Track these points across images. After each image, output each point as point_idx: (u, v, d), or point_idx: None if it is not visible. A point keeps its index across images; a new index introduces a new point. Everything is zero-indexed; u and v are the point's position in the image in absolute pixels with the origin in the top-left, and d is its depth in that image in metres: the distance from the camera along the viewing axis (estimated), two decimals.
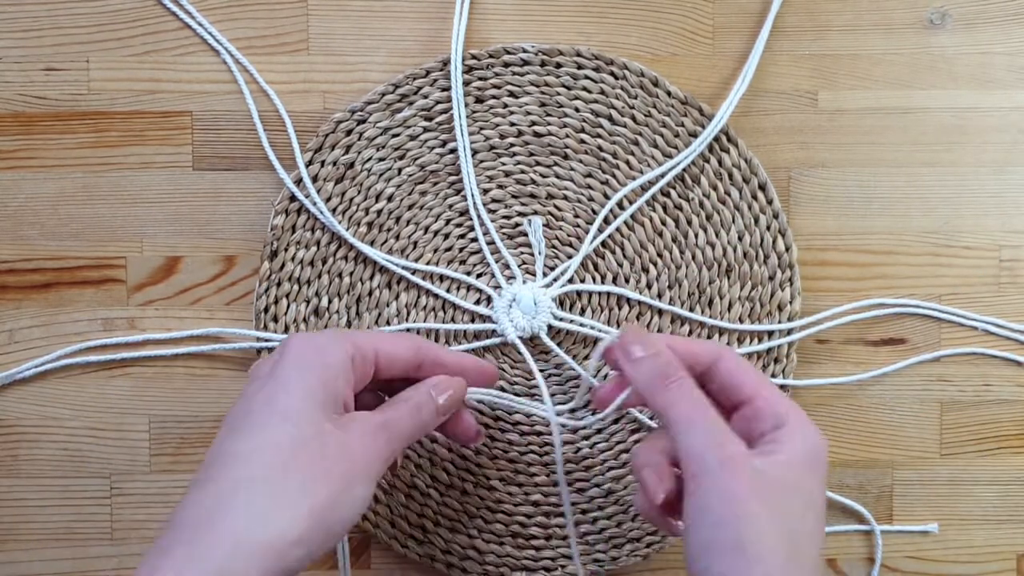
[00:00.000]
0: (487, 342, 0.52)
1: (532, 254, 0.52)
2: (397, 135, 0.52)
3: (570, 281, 0.52)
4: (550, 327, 0.51)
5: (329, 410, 0.39)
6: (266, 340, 0.51)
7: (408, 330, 0.52)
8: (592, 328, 0.51)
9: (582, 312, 0.52)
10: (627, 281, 0.52)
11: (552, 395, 0.52)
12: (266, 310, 0.52)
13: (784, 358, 0.52)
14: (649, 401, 0.40)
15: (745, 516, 0.37)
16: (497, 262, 0.52)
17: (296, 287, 0.52)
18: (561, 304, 0.52)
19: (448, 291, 0.52)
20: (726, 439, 0.38)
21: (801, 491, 0.38)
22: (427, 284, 0.51)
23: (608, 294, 0.52)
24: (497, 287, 0.51)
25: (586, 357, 0.52)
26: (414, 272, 0.52)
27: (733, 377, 0.41)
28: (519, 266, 0.52)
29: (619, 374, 0.43)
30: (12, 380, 0.52)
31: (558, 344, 0.51)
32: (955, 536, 0.54)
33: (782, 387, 0.52)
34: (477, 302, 0.52)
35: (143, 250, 0.52)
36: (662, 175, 0.52)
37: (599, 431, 0.52)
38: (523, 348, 0.50)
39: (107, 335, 0.52)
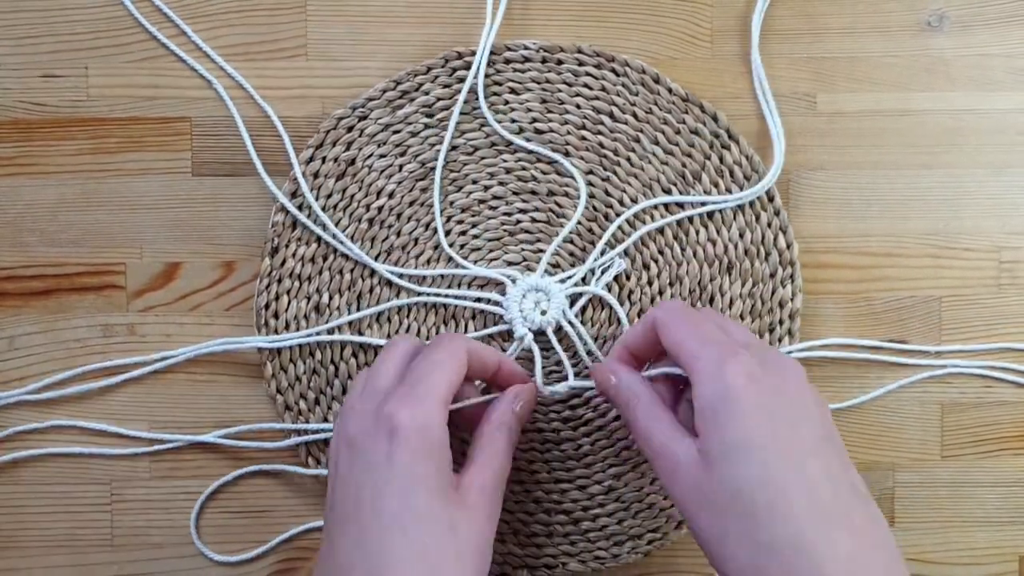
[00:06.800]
0: (493, 329, 0.52)
1: (533, 252, 0.52)
2: (398, 132, 0.52)
3: (584, 280, 0.52)
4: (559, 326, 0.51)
5: (449, 491, 0.41)
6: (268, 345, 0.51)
7: (408, 330, 0.52)
8: (585, 344, 0.51)
9: (583, 310, 0.52)
10: (628, 278, 0.52)
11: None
12: (267, 307, 0.52)
13: None
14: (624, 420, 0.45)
15: (689, 520, 0.41)
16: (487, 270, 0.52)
17: (297, 284, 0.52)
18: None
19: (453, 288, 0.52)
20: (669, 450, 0.41)
21: (734, 467, 0.39)
22: (433, 290, 0.52)
23: (608, 288, 0.52)
24: (513, 280, 0.51)
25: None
26: (422, 281, 0.52)
27: (669, 348, 0.43)
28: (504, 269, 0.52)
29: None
30: (17, 399, 0.52)
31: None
32: (957, 538, 0.54)
33: None
34: (479, 298, 0.52)
35: (143, 256, 0.52)
36: (697, 204, 0.52)
37: (600, 428, 0.52)
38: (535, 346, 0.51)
39: (106, 341, 0.52)
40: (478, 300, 0.52)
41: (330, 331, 0.51)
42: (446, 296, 0.52)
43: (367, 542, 0.40)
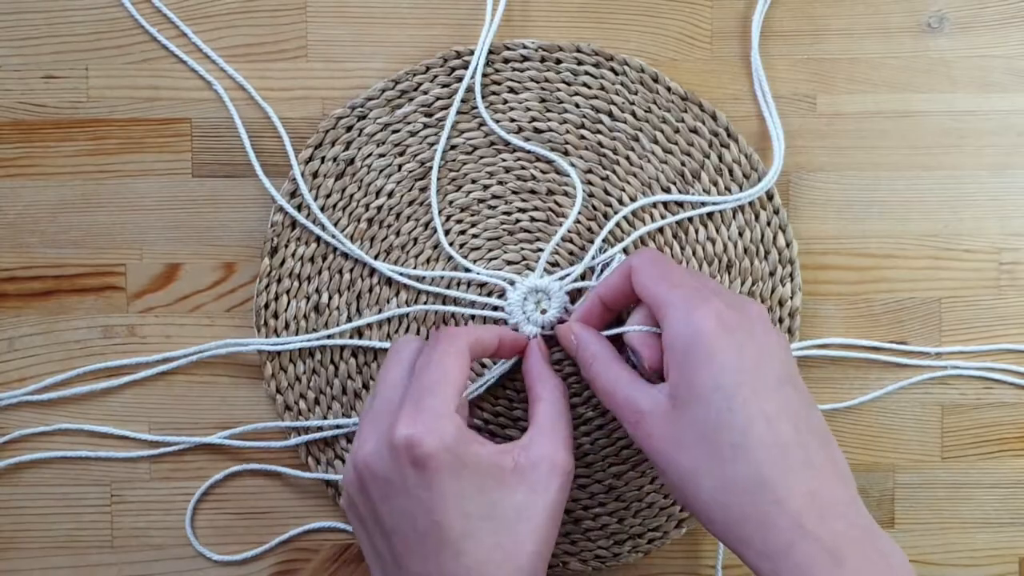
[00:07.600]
0: None
1: (533, 251, 0.52)
2: (397, 131, 0.52)
3: (582, 277, 0.52)
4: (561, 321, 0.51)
5: (498, 478, 0.42)
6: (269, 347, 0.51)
7: (408, 329, 0.52)
8: None
9: None
10: None
11: None
12: (266, 307, 0.52)
13: None
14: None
15: (658, 463, 0.41)
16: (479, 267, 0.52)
17: (296, 283, 0.52)
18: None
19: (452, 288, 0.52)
20: (633, 400, 0.42)
21: (702, 409, 0.40)
22: (434, 289, 0.52)
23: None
24: (511, 282, 0.51)
25: None
26: (422, 280, 0.52)
27: (640, 291, 0.44)
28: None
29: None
30: (18, 400, 0.52)
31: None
32: (957, 539, 0.54)
33: None
34: (490, 293, 0.52)
35: (143, 257, 0.52)
36: (696, 205, 0.52)
37: (600, 427, 0.52)
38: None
39: (106, 342, 0.52)
40: (479, 306, 0.51)
41: (330, 336, 0.52)
42: (445, 301, 0.52)
43: (442, 562, 0.40)
